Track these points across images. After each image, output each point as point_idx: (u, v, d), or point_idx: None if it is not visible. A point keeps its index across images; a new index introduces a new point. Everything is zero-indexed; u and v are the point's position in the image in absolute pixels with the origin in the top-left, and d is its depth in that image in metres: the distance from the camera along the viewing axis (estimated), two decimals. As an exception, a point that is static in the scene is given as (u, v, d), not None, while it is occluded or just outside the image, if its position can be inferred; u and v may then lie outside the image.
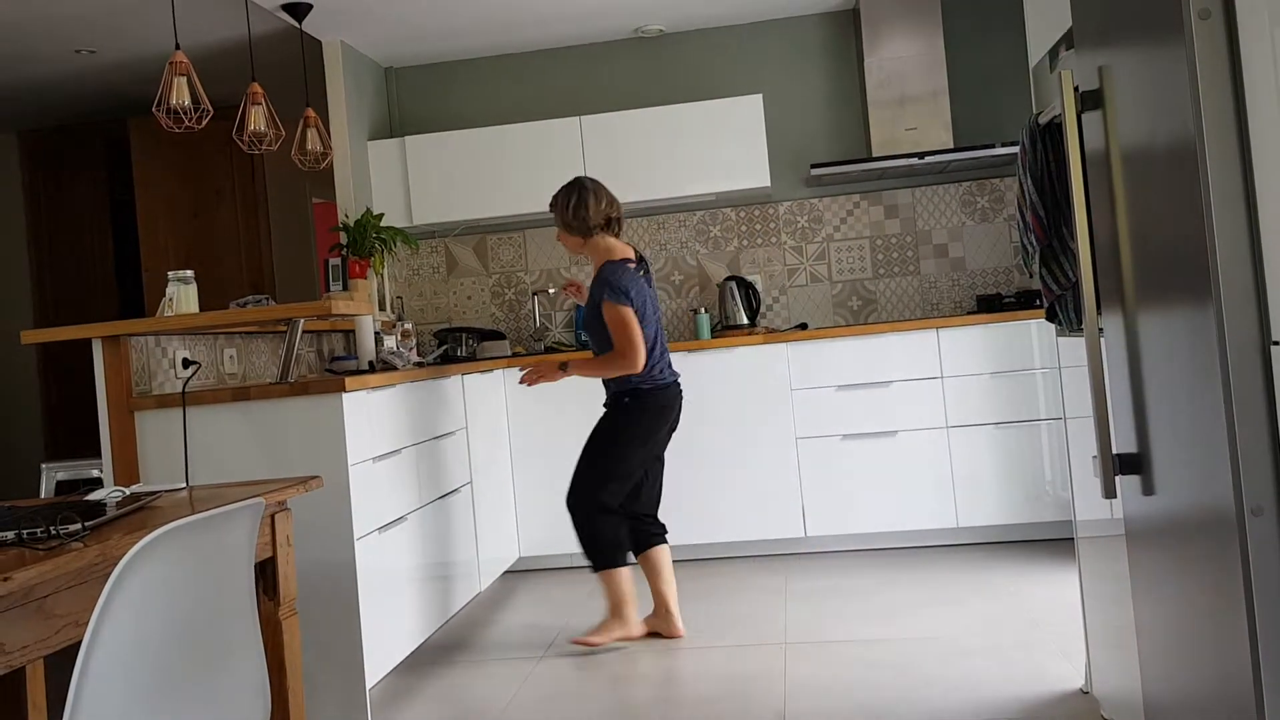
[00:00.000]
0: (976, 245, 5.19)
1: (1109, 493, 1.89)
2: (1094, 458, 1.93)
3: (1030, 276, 2.63)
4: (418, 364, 4.38)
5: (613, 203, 3.62)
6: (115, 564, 1.34)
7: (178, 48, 3.73)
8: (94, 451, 4.79)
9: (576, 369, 3.57)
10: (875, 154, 4.91)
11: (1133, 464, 1.90)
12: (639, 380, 3.54)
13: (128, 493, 2.10)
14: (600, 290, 3.52)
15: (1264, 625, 1.44)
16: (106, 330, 3.08)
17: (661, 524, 3.69)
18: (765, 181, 4.94)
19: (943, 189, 5.20)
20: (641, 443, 3.56)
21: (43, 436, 6.46)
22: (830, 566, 4.42)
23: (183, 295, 3.29)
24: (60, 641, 1.53)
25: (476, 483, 4.23)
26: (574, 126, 5.04)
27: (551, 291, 5.45)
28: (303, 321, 3.51)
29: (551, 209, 3.63)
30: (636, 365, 3.47)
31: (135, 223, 6.23)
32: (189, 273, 3.36)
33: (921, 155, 4.76)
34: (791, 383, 4.60)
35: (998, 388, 4.50)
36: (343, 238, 4.79)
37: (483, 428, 4.39)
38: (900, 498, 4.54)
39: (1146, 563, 1.90)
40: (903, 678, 3.02)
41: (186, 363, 3.35)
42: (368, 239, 4.73)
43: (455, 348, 4.82)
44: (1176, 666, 1.78)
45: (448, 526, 3.82)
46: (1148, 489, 1.84)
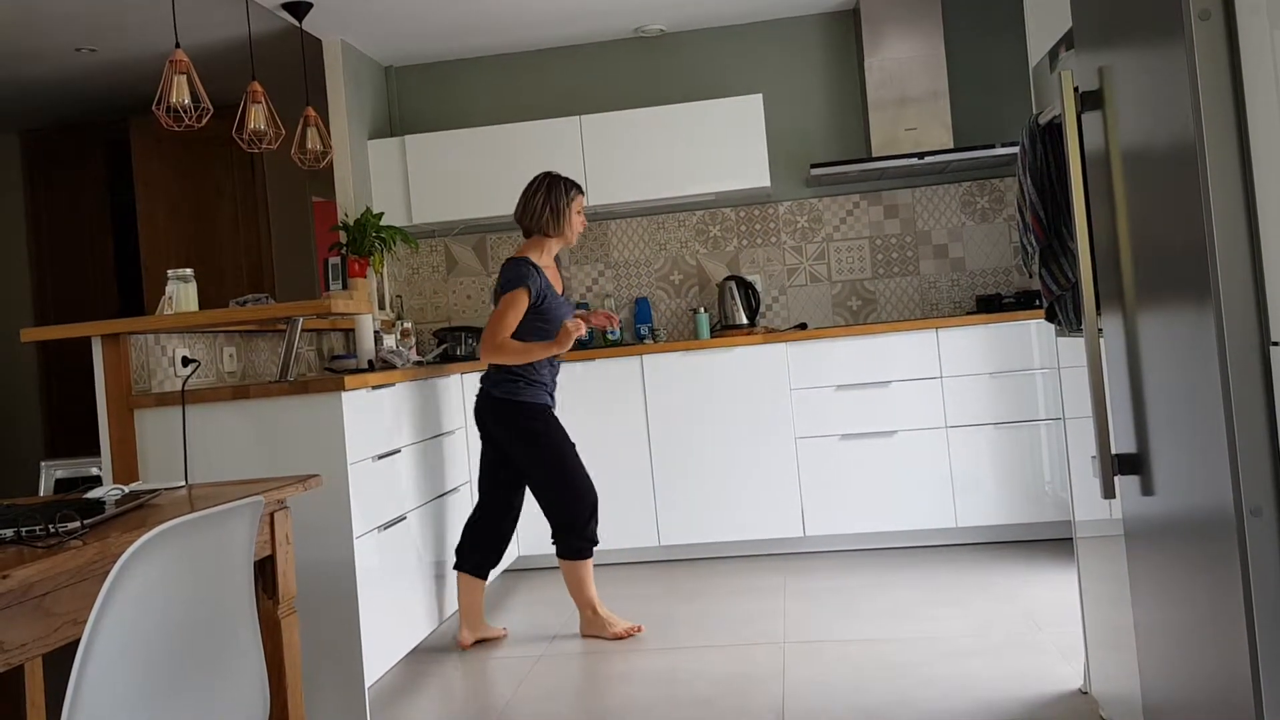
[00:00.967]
0: (976, 245, 5.18)
1: (1108, 493, 1.89)
2: (1093, 458, 1.93)
3: (1030, 277, 2.63)
4: (417, 363, 4.39)
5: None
6: (114, 562, 1.34)
7: (178, 46, 3.74)
8: (93, 450, 4.80)
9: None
10: (875, 154, 4.91)
11: (1132, 464, 1.90)
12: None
13: (127, 491, 2.10)
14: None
15: (1263, 625, 1.44)
16: (106, 329, 3.08)
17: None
18: (765, 181, 4.94)
19: (943, 189, 5.20)
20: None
21: (42, 435, 6.46)
22: (829, 566, 4.42)
23: (182, 294, 3.30)
24: (59, 640, 1.53)
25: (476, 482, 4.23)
26: (574, 126, 5.04)
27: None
28: (302, 320, 3.51)
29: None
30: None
31: (135, 222, 6.24)
32: (189, 271, 3.37)
33: (921, 155, 4.76)
34: (791, 383, 4.60)
35: (997, 388, 4.50)
36: (342, 237, 4.79)
37: (482, 427, 4.38)
38: (899, 498, 4.54)
39: (1145, 563, 1.90)
40: (902, 678, 3.02)
41: (186, 361, 3.35)
42: (367, 238, 4.73)
43: (454, 347, 4.82)
44: (1175, 666, 1.78)
45: (447, 525, 3.82)
46: (1147, 489, 1.84)
